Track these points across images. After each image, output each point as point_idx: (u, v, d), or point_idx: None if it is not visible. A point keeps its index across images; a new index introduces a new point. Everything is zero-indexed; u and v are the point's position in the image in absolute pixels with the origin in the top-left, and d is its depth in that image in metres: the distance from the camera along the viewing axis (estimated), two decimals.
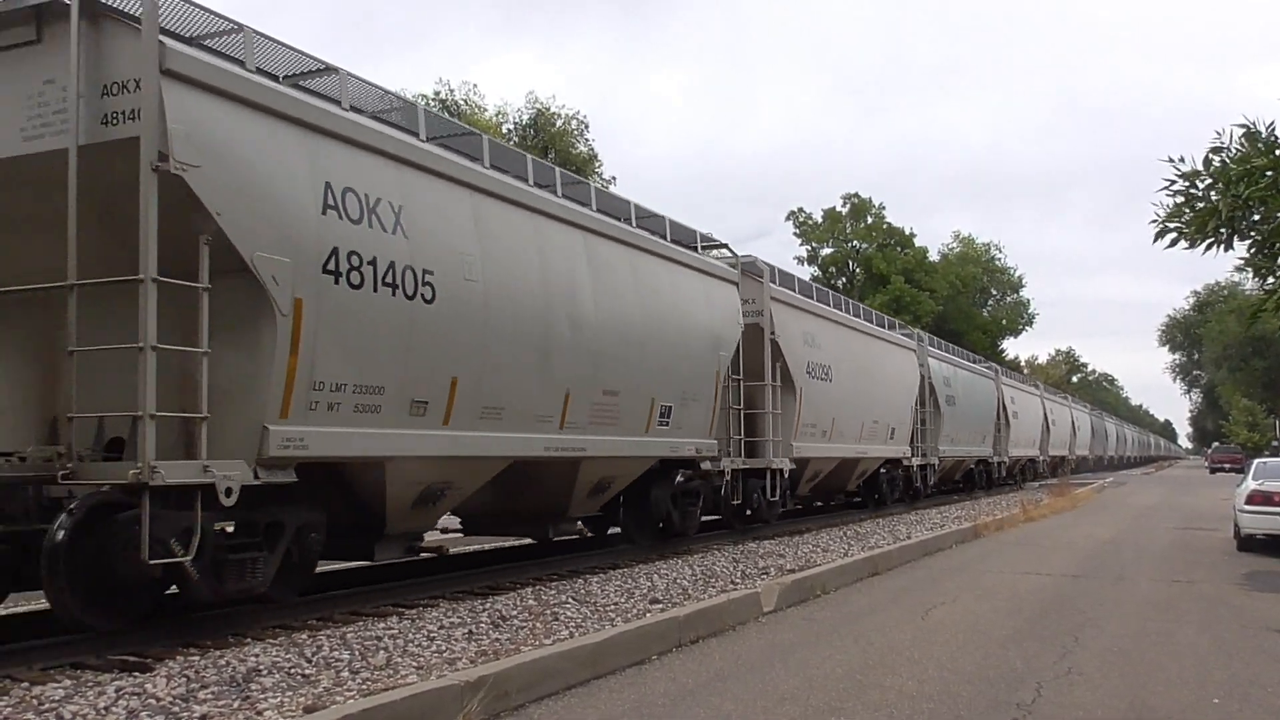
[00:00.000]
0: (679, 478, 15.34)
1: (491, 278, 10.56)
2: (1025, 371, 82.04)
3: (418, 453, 9.85)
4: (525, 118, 47.10)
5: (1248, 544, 17.57)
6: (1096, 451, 72.98)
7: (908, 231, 71.27)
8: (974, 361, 37.88)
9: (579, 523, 14.54)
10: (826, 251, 71.13)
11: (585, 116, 48.72)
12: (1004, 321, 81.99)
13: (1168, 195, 15.58)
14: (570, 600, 10.40)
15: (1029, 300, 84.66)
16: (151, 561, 7.38)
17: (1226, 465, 66.70)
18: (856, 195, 70.99)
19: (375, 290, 9.08)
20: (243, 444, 8.17)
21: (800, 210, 71.90)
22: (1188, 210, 15.44)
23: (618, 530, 15.92)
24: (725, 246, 17.55)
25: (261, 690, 6.62)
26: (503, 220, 11.07)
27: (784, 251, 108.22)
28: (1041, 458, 46.83)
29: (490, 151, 11.33)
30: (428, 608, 10.03)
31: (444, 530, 13.70)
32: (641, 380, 13.56)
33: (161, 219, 7.50)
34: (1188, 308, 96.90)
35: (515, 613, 9.58)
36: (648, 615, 9.45)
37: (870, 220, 70.61)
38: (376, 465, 9.62)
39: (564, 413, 11.96)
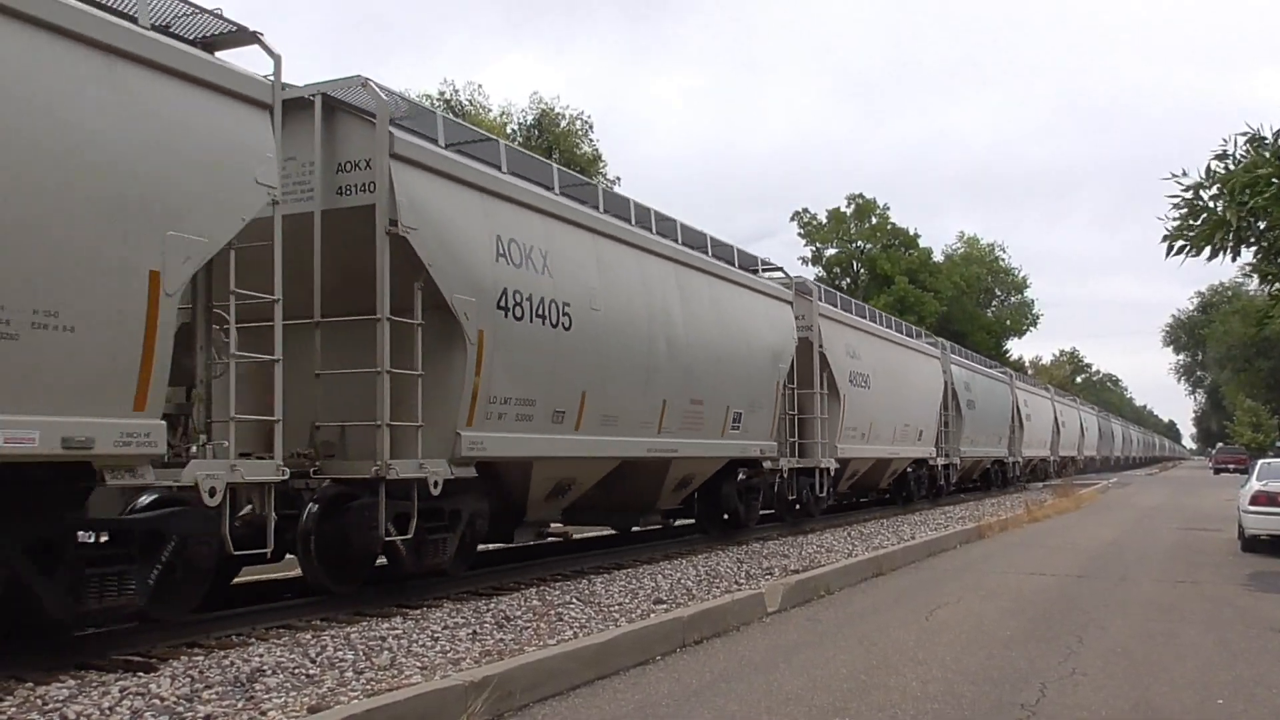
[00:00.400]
0: (740, 475, 17.29)
1: (610, 307, 12.79)
2: (1030, 372, 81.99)
3: (557, 454, 11.95)
4: (529, 118, 47.13)
5: (1252, 545, 17.55)
6: (1103, 452, 73.49)
7: (912, 232, 71.24)
8: (989, 367, 39.58)
9: (659, 515, 16.52)
10: (831, 252, 71.03)
11: (590, 117, 48.61)
12: (1008, 322, 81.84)
13: (1173, 209, 15.61)
14: (574, 600, 10.40)
15: (1033, 300, 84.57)
16: (386, 539, 9.60)
17: (1230, 466, 66.52)
18: (861, 196, 70.87)
19: (531, 321, 11.28)
20: (442, 446, 10.21)
21: (805, 211, 71.82)
22: (1194, 221, 15.45)
23: (689, 521, 18.39)
24: (780, 270, 19.79)
25: (265, 690, 6.63)
26: (616, 258, 13.28)
27: (788, 252, 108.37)
28: (1052, 458, 48.40)
29: (604, 198, 13.64)
30: (432, 608, 10.03)
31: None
32: (719, 390, 15.53)
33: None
34: (1192, 308, 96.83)
35: (519, 613, 9.59)
36: (652, 616, 9.45)
37: (874, 221, 70.50)
38: (526, 464, 11.70)
39: (661, 419, 14.02)
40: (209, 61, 8.11)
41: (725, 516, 17.54)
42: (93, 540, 8.01)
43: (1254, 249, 16.13)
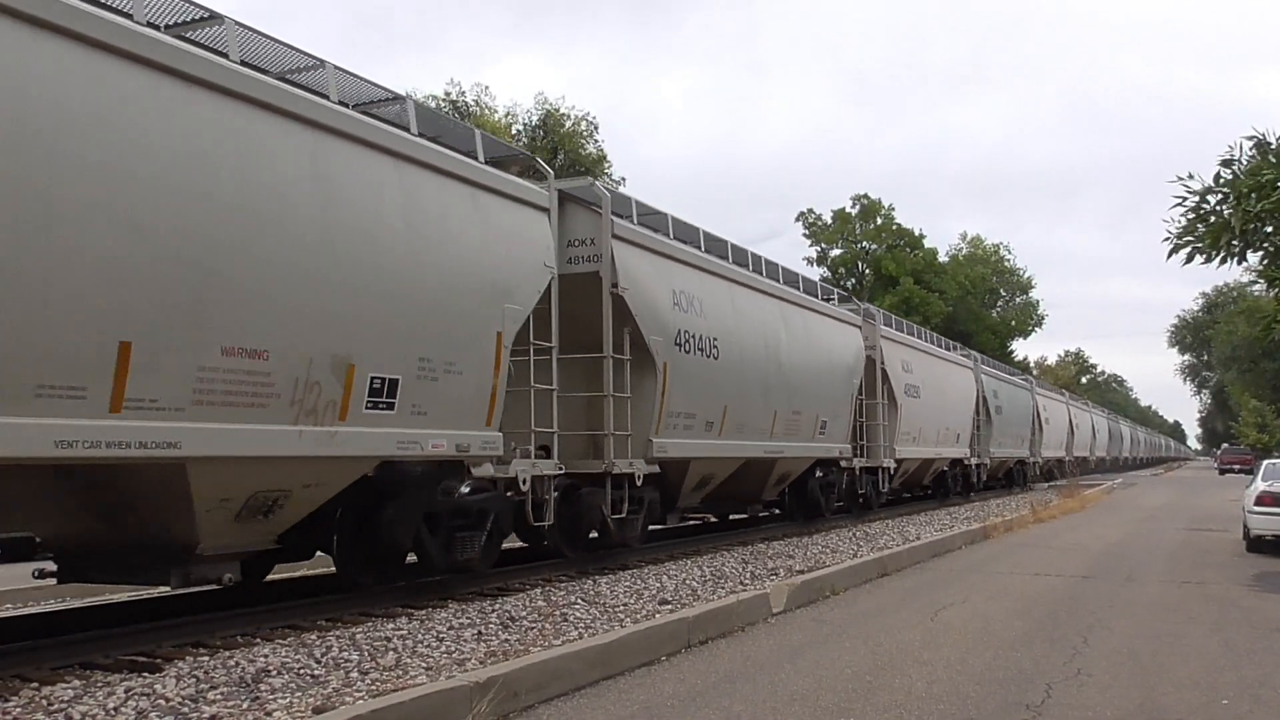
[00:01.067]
0: (819, 473, 20.12)
1: (741, 339, 15.98)
2: (1035, 373, 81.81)
3: (707, 454, 15.14)
4: (534, 119, 47.12)
5: (1257, 545, 17.55)
6: (1113, 453, 73.81)
7: (917, 233, 71.08)
8: (1012, 375, 42.25)
9: (760, 505, 19.66)
10: (836, 253, 70.94)
11: (594, 117, 48.56)
12: (1013, 323, 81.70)
13: (1179, 212, 15.57)
14: (579, 601, 10.40)
15: (1038, 301, 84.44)
16: (612, 517, 13.03)
17: (1236, 466, 66.47)
18: (866, 196, 70.73)
19: (694, 354, 14.48)
20: (640, 449, 13.44)
21: (810, 211, 71.71)
22: (1200, 225, 15.43)
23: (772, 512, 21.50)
24: (850, 298, 23.93)
25: (270, 691, 6.64)
26: (744, 299, 16.58)
27: (794, 252, 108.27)
28: (1068, 458, 50.50)
29: (733, 251, 16.73)
30: (437, 608, 10.03)
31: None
32: (812, 402, 18.64)
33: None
34: (1197, 309, 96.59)
35: (524, 613, 9.59)
36: (657, 616, 9.45)
37: (879, 221, 70.37)
38: (685, 462, 14.69)
39: (773, 426, 17.14)
40: (520, 184, 11.61)
41: (808, 508, 20.40)
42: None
43: (1260, 254, 16.12)
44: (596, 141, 48.05)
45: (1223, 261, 15.53)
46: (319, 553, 10.63)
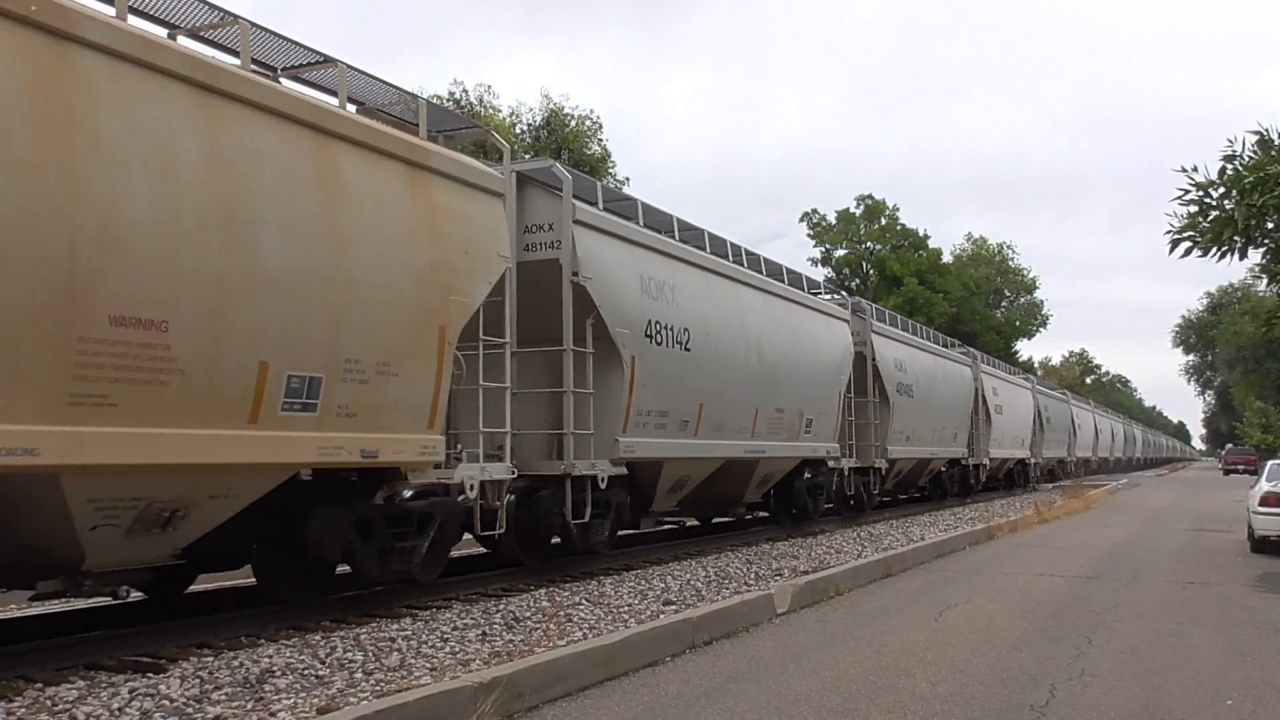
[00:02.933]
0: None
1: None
2: (1039, 373, 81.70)
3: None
4: (538, 119, 47.08)
5: (1261, 546, 17.51)
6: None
7: (922, 233, 71.03)
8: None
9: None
10: (840, 253, 70.89)
11: (599, 117, 48.47)
12: (1017, 323, 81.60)
13: (1181, 205, 15.56)
14: (584, 601, 10.40)
15: (1042, 301, 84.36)
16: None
17: (1240, 467, 66.40)
18: (870, 196, 70.63)
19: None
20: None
21: (814, 211, 71.62)
22: (1202, 220, 15.41)
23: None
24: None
25: (275, 691, 6.64)
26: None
27: (798, 253, 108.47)
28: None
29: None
30: (441, 609, 10.04)
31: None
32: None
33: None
34: (1201, 309, 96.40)
35: (529, 614, 9.60)
36: (661, 617, 9.45)
37: (884, 222, 70.30)
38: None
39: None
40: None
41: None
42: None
43: (1262, 249, 16.10)
44: (601, 141, 48.03)
45: (1224, 256, 15.52)
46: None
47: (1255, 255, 16.30)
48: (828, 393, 19.58)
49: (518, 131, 44.40)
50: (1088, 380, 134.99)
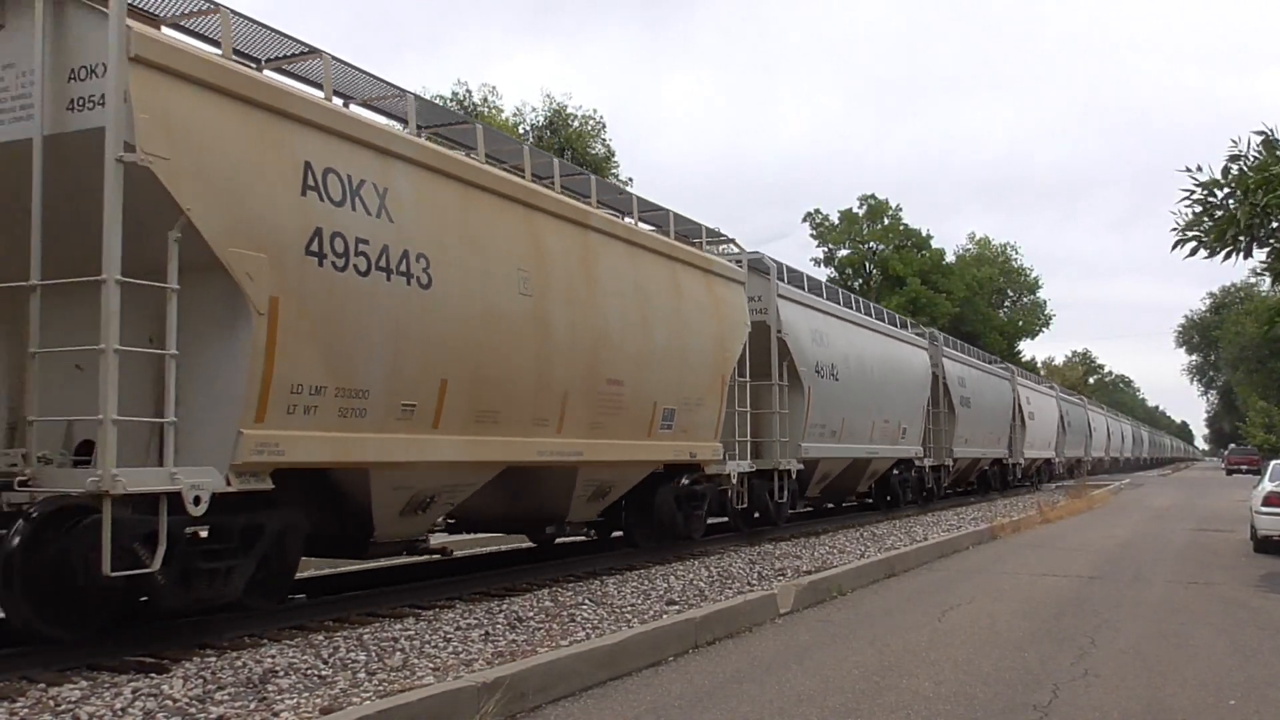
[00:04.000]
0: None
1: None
2: (1042, 373, 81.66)
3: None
4: (541, 119, 47.06)
5: (1264, 546, 17.49)
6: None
7: (925, 233, 71.04)
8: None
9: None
10: (843, 253, 70.88)
11: (602, 117, 48.49)
12: (1021, 323, 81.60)
13: (1186, 205, 15.57)
14: (586, 602, 10.40)
15: (1045, 301, 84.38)
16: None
17: (1243, 467, 66.36)
18: (873, 196, 70.66)
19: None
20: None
21: (817, 212, 71.62)
22: (1207, 219, 15.42)
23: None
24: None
25: (278, 691, 6.64)
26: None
27: (802, 253, 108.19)
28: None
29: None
30: (444, 609, 10.04)
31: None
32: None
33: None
34: (1204, 309, 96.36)
35: (531, 614, 9.59)
36: (664, 617, 9.45)
37: (887, 222, 70.30)
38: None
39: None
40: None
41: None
42: None
43: (1266, 249, 16.10)
44: (604, 140, 48.03)
45: (1228, 256, 15.53)
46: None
47: (1259, 254, 16.30)
48: (915, 406, 25.00)
49: (521, 131, 44.40)
50: (1091, 380, 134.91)
